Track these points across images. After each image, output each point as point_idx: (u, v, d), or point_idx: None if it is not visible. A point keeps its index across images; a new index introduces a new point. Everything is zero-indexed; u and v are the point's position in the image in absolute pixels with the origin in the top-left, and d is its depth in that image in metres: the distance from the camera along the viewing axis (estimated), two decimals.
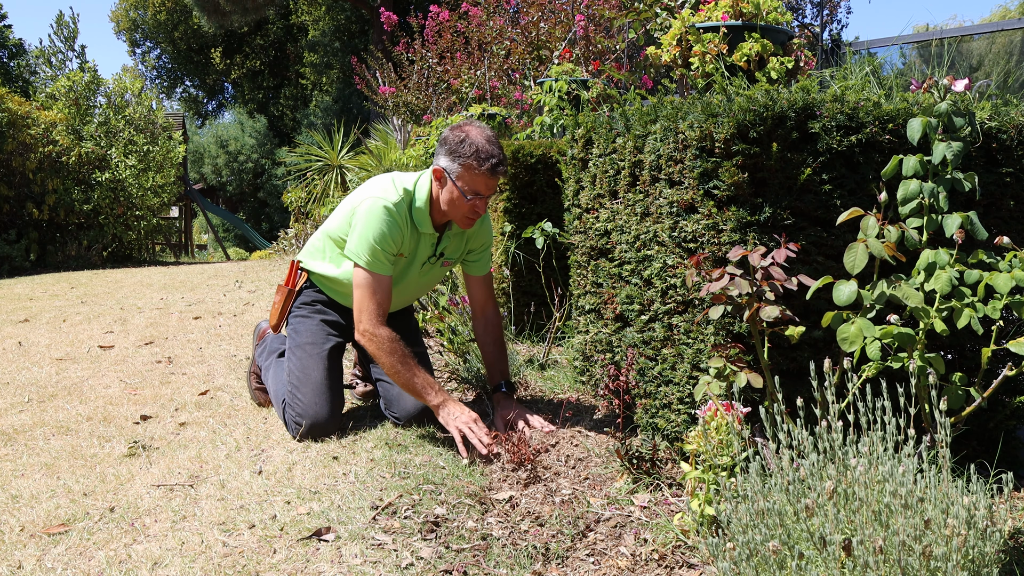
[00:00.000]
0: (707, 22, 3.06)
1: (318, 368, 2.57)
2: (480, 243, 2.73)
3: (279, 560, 1.73)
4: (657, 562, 1.73)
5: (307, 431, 2.48)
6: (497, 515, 1.97)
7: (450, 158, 2.43)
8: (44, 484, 2.18)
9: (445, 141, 2.46)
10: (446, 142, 2.46)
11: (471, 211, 2.47)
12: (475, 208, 2.46)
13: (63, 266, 9.16)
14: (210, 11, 19.26)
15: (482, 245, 2.74)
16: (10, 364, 3.67)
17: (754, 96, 1.95)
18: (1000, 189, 2.06)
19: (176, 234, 17.17)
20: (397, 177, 2.56)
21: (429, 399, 2.42)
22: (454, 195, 2.44)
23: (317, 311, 2.71)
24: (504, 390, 2.66)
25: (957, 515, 1.29)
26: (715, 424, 1.77)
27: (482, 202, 2.46)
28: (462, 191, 2.42)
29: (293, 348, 2.64)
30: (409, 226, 2.51)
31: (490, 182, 2.43)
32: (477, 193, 2.43)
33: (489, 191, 2.45)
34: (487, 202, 2.50)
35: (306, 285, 2.74)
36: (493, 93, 6.24)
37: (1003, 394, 2.12)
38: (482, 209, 2.48)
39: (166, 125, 11.45)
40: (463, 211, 2.46)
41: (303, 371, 2.57)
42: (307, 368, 2.57)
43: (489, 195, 2.47)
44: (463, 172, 2.41)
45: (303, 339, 2.65)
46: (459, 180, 2.42)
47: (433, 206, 2.53)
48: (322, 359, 2.59)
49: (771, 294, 1.73)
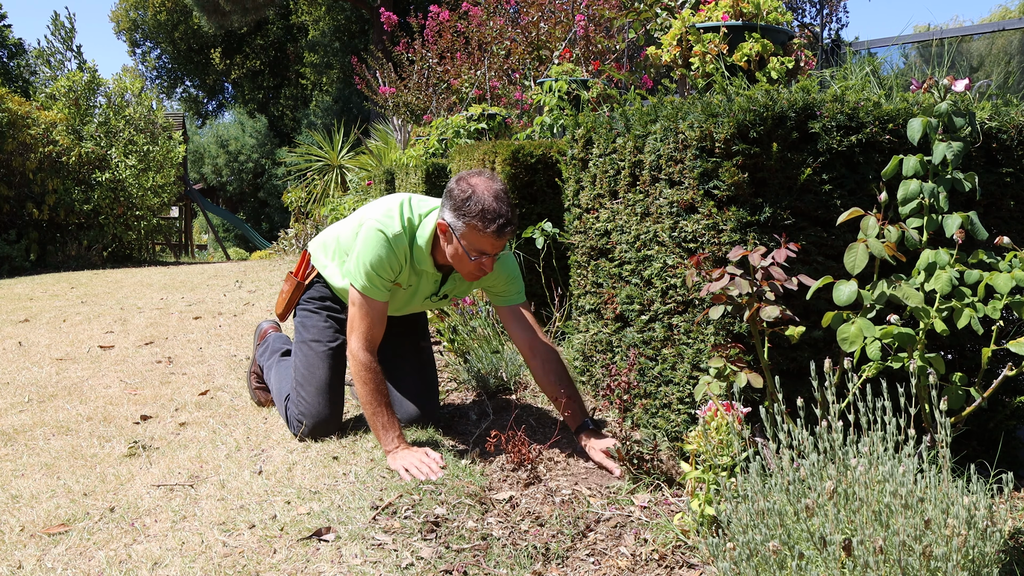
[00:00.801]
0: (707, 22, 3.06)
1: (323, 367, 2.57)
2: (501, 282, 2.50)
3: (279, 560, 1.73)
4: (657, 562, 1.73)
5: (309, 430, 2.49)
6: (497, 515, 1.97)
7: (455, 214, 2.26)
8: (44, 484, 2.18)
9: (450, 194, 2.29)
10: (451, 196, 2.29)
11: (477, 269, 2.32)
12: (481, 267, 2.31)
13: (63, 266, 9.16)
14: (210, 11, 19.27)
15: (504, 281, 2.50)
16: (10, 364, 3.67)
17: (754, 96, 1.95)
18: (1000, 189, 2.06)
19: (176, 234, 17.17)
20: (407, 204, 2.43)
21: (385, 443, 2.30)
22: (459, 252, 2.29)
23: (325, 307, 2.67)
24: (591, 427, 2.36)
25: (957, 515, 1.29)
26: (715, 424, 1.77)
27: (489, 260, 2.30)
28: (467, 250, 2.27)
29: (299, 344, 2.64)
30: (409, 260, 2.40)
31: (497, 243, 2.26)
32: (483, 252, 2.28)
33: (496, 250, 2.29)
34: (495, 259, 2.34)
35: (316, 279, 2.70)
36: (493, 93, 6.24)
37: (1003, 394, 2.12)
38: (489, 267, 2.32)
39: (166, 125, 11.45)
40: (468, 268, 2.32)
41: (309, 369, 2.56)
42: (313, 366, 2.57)
43: (496, 253, 2.31)
44: (468, 231, 2.25)
45: (310, 335, 2.63)
46: (463, 239, 2.26)
47: (436, 250, 2.40)
48: (327, 358, 2.59)
49: (771, 294, 1.73)
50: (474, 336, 3.12)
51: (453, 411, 2.78)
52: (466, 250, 2.27)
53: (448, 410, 2.79)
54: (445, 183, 5.14)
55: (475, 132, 5.58)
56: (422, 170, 5.07)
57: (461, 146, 4.58)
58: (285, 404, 2.58)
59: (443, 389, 3.04)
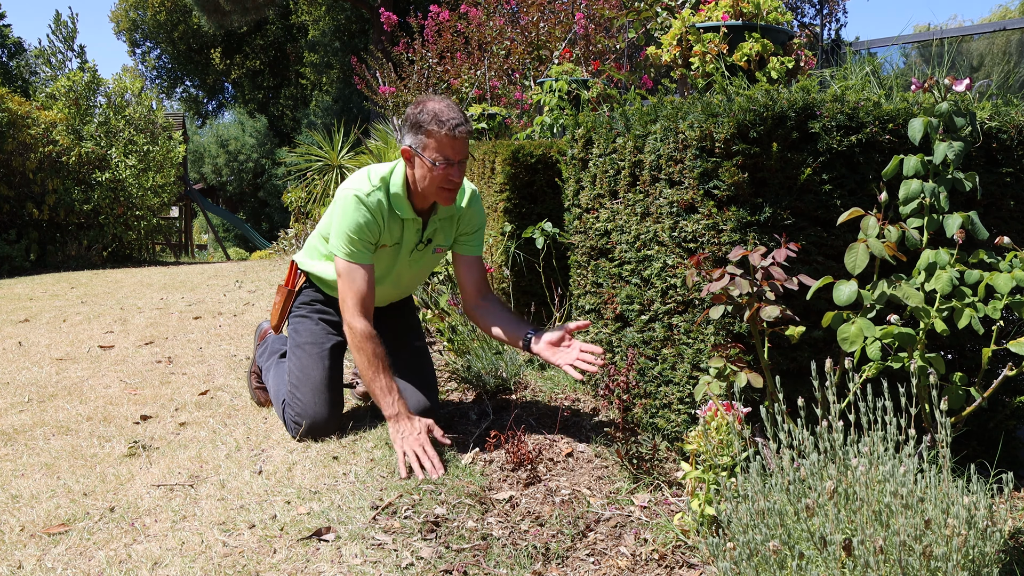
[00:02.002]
0: (707, 22, 3.06)
1: (318, 368, 2.57)
2: (472, 225, 2.63)
3: (279, 560, 1.73)
4: (657, 562, 1.73)
5: (306, 431, 2.48)
6: (497, 515, 1.97)
7: (413, 132, 2.38)
8: (44, 484, 2.18)
9: (406, 119, 2.40)
10: (407, 119, 2.40)
11: (445, 181, 2.37)
12: (449, 177, 2.37)
13: (63, 266, 9.16)
14: (210, 11, 19.26)
15: (474, 227, 2.64)
16: (10, 364, 3.67)
17: (754, 96, 1.95)
18: (1000, 189, 2.06)
19: (176, 234, 17.17)
20: (374, 169, 2.51)
21: (384, 406, 2.34)
22: (426, 168, 2.37)
23: (317, 311, 2.71)
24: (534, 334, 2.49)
25: (957, 515, 1.29)
26: (715, 424, 1.77)
27: (454, 169, 2.37)
28: (432, 161, 2.34)
29: (293, 348, 2.65)
30: (388, 214, 2.46)
31: (456, 144, 2.34)
32: (447, 160, 2.34)
33: (458, 155, 2.36)
34: (462, 170, 2.40)
35: (305, 285, 2.75)
36: (493, 93, 6.24)
37: (1003, 394, 2.12)
38: (457, 177, 2.38)
39: (166, 125, 11.44)
40: (438, 183, 2.38)
41: (303, 371, 2.57)
42: (307, 368, 2.57)
43: (459, 160, 2.37)
44: (427, 141, 2.34)
45: (303, 339, 2.65)
46: (426, 151, 2.35)
47: (411, 191, 2.47)
48: (322, 359, 2.59)
49: (771, 294, 1.73)
50: (474, 336, 3.12)
51: (453, 411, 2.78)
52: (431, 161, 2.35)
53: (448, 410, 2.79)
54: None
55: (475, 132, 5.58)
56: None
57: None
58: (283, 407, 2.58)
59: (443, 389, 3.04)
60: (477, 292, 2.64)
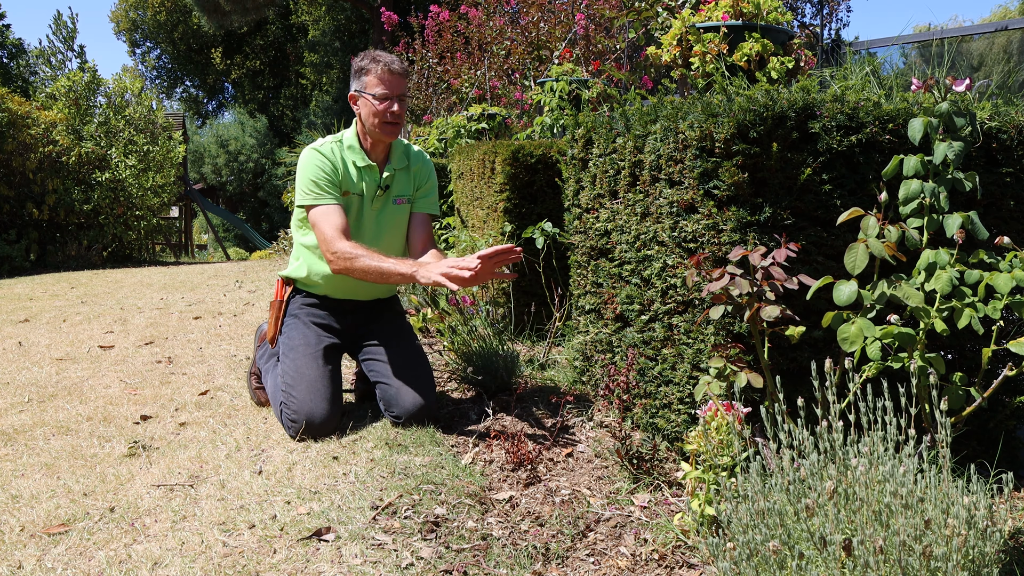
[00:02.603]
0: (707, 22, 3.06)
1: (311, 366, 2.58)
2: (425, 180, 2.85)
3: (279, 560, 1.73)
4: (657, 562, 1.73)
5: (303, 429, 2.47)
6: (497, 515, 1.97)
7: (356, 77, 2.68)
8: (44, 484, 2.18)
9: (352, 69, 2.71)
10: (352, 68, 2.70)
11: (387, 115, 2.62)
12: (390, 110, 2.62)
13: (63, 266, 9.16)
14: (210, 11, 19.26)
15: (426, 181, 2.85)
16: (10, 364, 3.67)
17: (754, 96, 1.95)
18: (1000, 189, 2.06)
19: (176, 234, 17.17)
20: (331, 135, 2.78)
21: (404, 271, 2.47)
22: (369, 106, 2.63)
23: (307, 315, 2.76)
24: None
25: (957, 515, 1.29)
26: (715, 424, 1.77)
27: (394, 103, 2.62)
28: (373, 96, 2.61)
29: (287, 351, 2.67)
30: (342, 162, 2.68)
31: (393, 79, 2.62)
32: (386, 95, 2.61)
33: (395, 90, 2.62)
34: (403, 107, 2.65)
35: (293, 294, 2.82)
36: (493, 93, 6.24)
37: (1003, 394, 2.12)
38: (398, 110, 2.63)
39: (166, 125, 11.44)
40: (381, 118, 2.62)
41: (297, 370, 2.57)
42: (301, 367, 2.58)
43: (398, 95, 2.63)
44: (367, 79, 2.64)
45: (296, 341, 2.68)
46: (367, 89, 2.63)
47: (362, 139, 2.73)
48: (316, 358, 2.61)
49: (771, 294, 1.73)
50: (474, 336, 3.12)
51: (453, 411, 2.78)
52: (373, 97, 2.62)
53: (448, 410, 2.79)
54: (445, 183, 5.14)
55: (475, 132, 5.58)
56: None
57: (461, 146, 4.58)
58: (280, 408, 2.58)
59: (443, 389, 3.04)
60: (423, 249, 2.80)
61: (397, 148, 2.79)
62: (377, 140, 2.70)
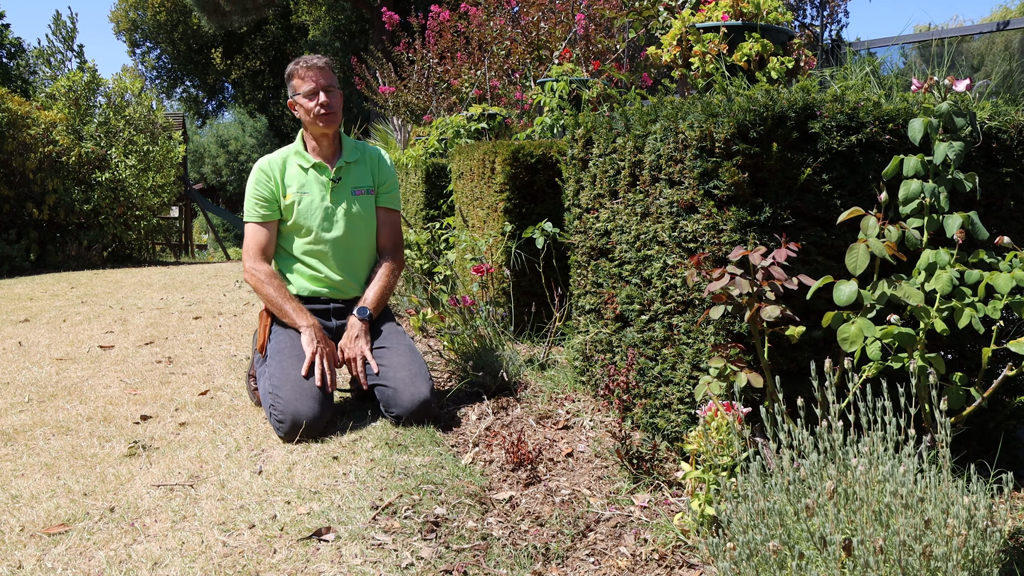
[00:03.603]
0: (707, 22, 3.06)
1: (298, 368, 2.59)
2: (385, 176, 2.95)
3: (279, 560, 1.73)
4: (657, 562, 1.73)
5: (290, 429, 2.46)
6: (497, 515, 1.97)
7: (288, 82, 2.83)
8: (44, 484, 2.18)
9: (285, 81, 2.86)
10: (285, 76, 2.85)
11: (318, 108, 2.75)
12: (319, 103, 2.75)
13: (63, 266, 9.16)
14: (210, 11, 19.25)
15: (386, 178, 2.95)
16: (10, 364, 3.67)
17: (754, 96, 1.95)
18: (1000, 189, 2.06)
19: (176, 234, 17.16)
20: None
21: (299, 320, 2.69)
22: (303, 104, 2.77)
23: None
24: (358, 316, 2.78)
25: (957, 515, 1.29)
26: (715, 424, 1.77)
27: (321, 94, 2.75)
28: (305, 95, 2.76)
29: (273, 354, 2.69)
30: (283, 169, 2.83)
31: (314, 72, 2.76)
32: (313, 90, 2.75)
33: (321, 81, 2.76)
34: (333, 97, 2.78)
35: None
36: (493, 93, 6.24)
37: (1003, 394, 2.12)
38: (334, 102, 2.77)
39: (166, 125, 11.44)
40: (315, 112, 2.75)
41: (283, 372, 2.58)
42: (287, 369, 2.59)
43: (324, 86, 2.75)
44: (294, 82, 2.80)
45: (283, 344, 2.70)
46: (299, 90, 2.78)
47: (307, 142, 2.87)
48: (302, 360, 2.62)
49: (771, 294, 1.73)
50: (474, 336, 3.12)
51: (453, 411, 2.78)
52: (305, 96, 2.76)
53: (448, 410, 2.79)
54: (445, 183, 5.14)
55: (475, 132, 5.57)
56: (422, 170, 5.07)
57: (461, 146, 4.58)
58: (269, 411, 2.58)
59: (443, 389, 3.04)
60: (383, 245, 2.96)
61: (347, 143, 2.90)
62: (320, 134, 2.81)
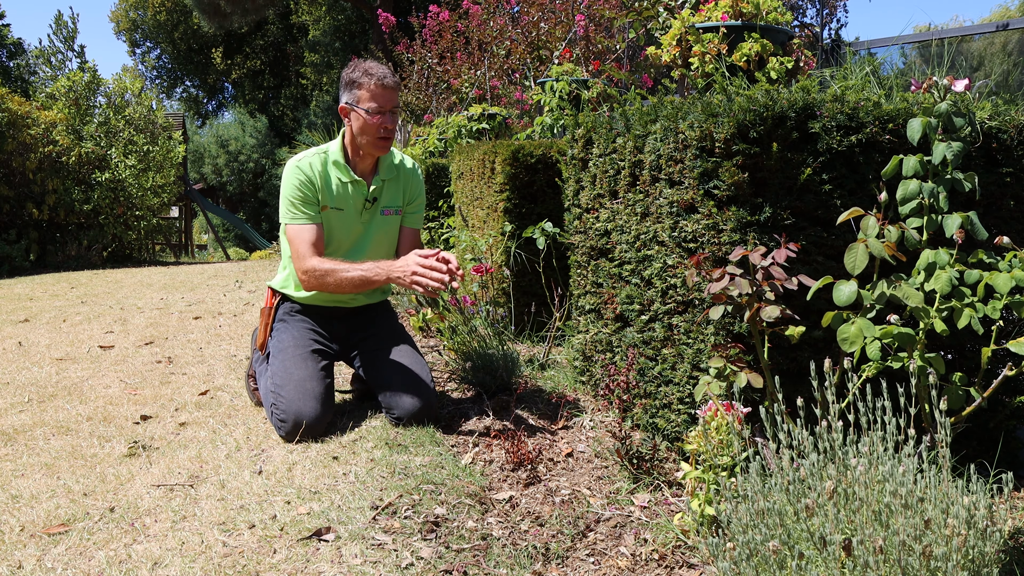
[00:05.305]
0: (707, 22, 3.06)
1: (300, 367, 2.58)
2: (415, 194, 2.83)
3: (279, 560, 1.73)
4: (657, 562, 1.73)
5: (291, 429, 2.46)
6: (497, 515, 1.97)
7: (348, 90, 2.63)
8: (44, 484, 2.18)
9: (342, 81, 2.65)
10: (342, 81, 2.65)
11: (380, 129, 2.60)
12: (383, 125, 2.60)
13: (63, 266, 9.16)
14: (210, 12, 19.24)
15: (416, 195, 2.84)
16: (10, 364, 3.67)
17: (754, 96, 1.95)
18: (1000, 189, 2.06)
19: (176, 234, 17.16)
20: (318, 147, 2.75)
21: (377, 275, 2.51)
22: (362, 120, 2.60)
23: (296, 320, 2.78)
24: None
25: (957, 515, 1.29)
26: (715, 424, 1.77)
27: (387, 117, 2.60)
28: (367, 111, 2.58)
29: (275, 353, 2.68)
30: (324, 177, 2.66)
31: (386, 93, 2.59)
32: (379, 110, 2.58)
33: (389, 103, 2.60)
34: (395, 119, 2.64)
35: (281, 301, 2.83)
36: (493, 93, 6.24)
37: (1003, 394, 2.12)
38: (392, 125, 2.62)
39: (166, 125, 11.44)
40: (374, 132, 2.60)
41: (285, 371, 2.57)
42: (289, 368, 2.58)
43: (391, 109, 2.61)
44: (361, 93, 2.59)
45: (285, 343, 2.69)
46: (360, 104, 2.59)
47: (350, 153, 2.70)
48: (304, 358, 2.62)
49: (771, 294, 1.73)
50: (474, 336, 3.12)
51: (453, 411, 2.78)
52: (366, 111, 2.58)
53: (448, 410, 2.79)
54: (446, 183, 5.13)
55: (475, 132, 5.58)
56: (422, 170, 5.07)
57: (461, 146, 4.58)
58: (271, 410, 2.58)
59: (443, 389, 3.04)
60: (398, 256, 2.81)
61: (385, 159, 2.75)
62: (368, 154, 2.69)
